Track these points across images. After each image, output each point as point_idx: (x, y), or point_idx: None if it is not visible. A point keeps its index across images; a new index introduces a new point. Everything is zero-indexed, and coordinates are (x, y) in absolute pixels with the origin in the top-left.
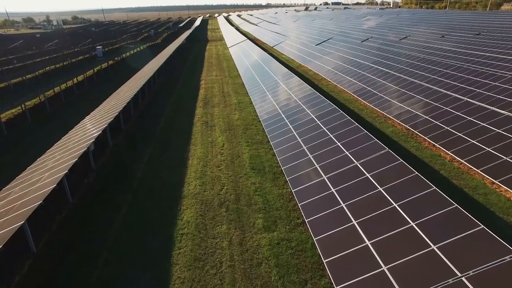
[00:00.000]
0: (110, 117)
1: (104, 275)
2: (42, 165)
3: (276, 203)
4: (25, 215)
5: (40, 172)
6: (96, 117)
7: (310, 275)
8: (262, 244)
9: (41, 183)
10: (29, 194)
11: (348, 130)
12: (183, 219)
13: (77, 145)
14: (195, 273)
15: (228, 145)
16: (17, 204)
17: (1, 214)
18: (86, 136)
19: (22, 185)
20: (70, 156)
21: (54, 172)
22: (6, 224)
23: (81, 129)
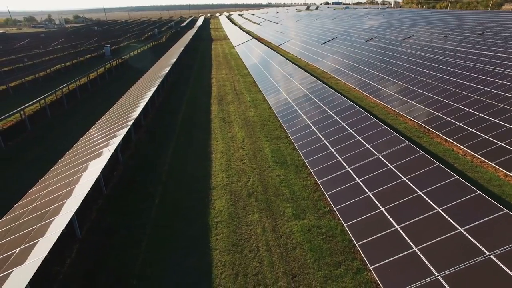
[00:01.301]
0: (134, 113)
1: (149, 258)
2: (75, 158)
3: (302, 194)
4: (74, 203)
5: (75, 164)
6: (118, 113)
7: (342, 257)
8: (294, 230)
9: (81, 174)
10: (71, 184)
11: (367, 125)
12: (215, 208)
13: (107, 139)
14: (235, 257)
15: (248, 140)
16: (62, 193)
17: (48, 203)
18: (115, 130)
19: (59, 177)
20: (105, 149)
21: (93, 163)
22: (58, 212)
23: (104, 125)
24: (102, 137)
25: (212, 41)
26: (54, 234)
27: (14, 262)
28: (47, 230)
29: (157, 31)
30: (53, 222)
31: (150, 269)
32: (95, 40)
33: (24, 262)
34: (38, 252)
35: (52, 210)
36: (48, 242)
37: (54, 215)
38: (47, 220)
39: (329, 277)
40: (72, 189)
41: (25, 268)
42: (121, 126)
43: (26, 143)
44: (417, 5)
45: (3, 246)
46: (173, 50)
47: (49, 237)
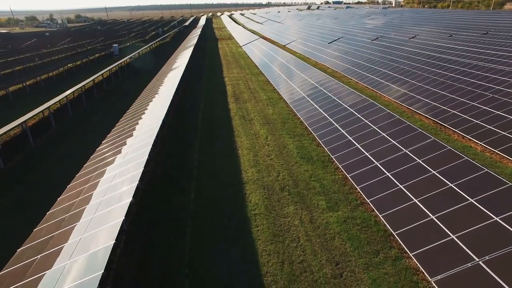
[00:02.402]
0: (161, 113)
1: (195, 249)
2: (105, 155)
3: (333, 187)
4: (127, 195)
5: (114, 162)
6: (142, 112)
7: (380, 246)
8: (330, 221)
9: (124, 168)
10: (120, 176)
11: (390, 122)
12: (251, 201)
13: (139, 137)
14: (278, 246)
15: (272, 137)
16: (106, 187)
17: (96, 196)
18: (147, 130)
19: (97, 172)
20: (141, 144)
21: (134, 158)
22: (113, 204)
23: (132, 122)
24: (132, 134)
25: (217, 41)
26: (116, 223)
27: (83, 249)
28: (106, 220)
29: (161, 31)
30: (110, 213)
31: (198, 258)
32: (102, 39)
33: (94, 249)
34: (104, 239)
35: (104, 203)
36: (113, 229)
37: (107, 207)
38: (102, 211)
39: (370, 264)
40: (119, 183)
41: (97, 253)
42: (152, 125)
43: (53, 140)
44: (419, 4)
45: (64, 234)
46: (181, 49)
47: (112, 224)
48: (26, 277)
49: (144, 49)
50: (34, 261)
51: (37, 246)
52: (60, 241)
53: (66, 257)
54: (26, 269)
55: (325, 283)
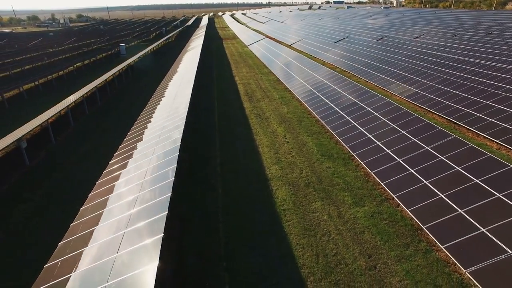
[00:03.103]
0: (183, 112)
1: (230, 243)
2: (130, 153)
3: (356, 183)
4: (165, 190)
5: (143, 159)
6: (163, 110)
7: (409, 239)
8: (358, 216)
9: (156, 164)
10: (153, 173)
11: (408, 120)
12: (278, 197)
13: (170, 134)
14: (311, 240)
15: (290, 135)
16: (138, 183)
17: (130, 191)
18: (170, 129)
19: (124, 170)
20: (170, 141)
21: (167, 158)
22: (151, 199)
23: (151, 119)
24: (156, 132)
25: (222, 40)
26: (160, 217)
27: (130, 242)
28: (147, 215)
29: (164, 30)
30: (150, 208)
31: (235, 252)
32: (107, 38)
33: (141, 242)
34: (152, 233)
35: (141, 198)
36: (159, 223)
37: (146, 202)
38: (141, 207)
39: (402, 256)
40: (153, 179)
41: (148, 246)
42: (176, 123)
43: (72, 138)
44: (420, 4)
45: (105, 229)
46: (188, 48)
47: (156, 219)
48: (78, 267)
49: (151, 48)
50: (81, 253)
51: (79, 239)
52: (102, 235)
53: (114, 249)
54: (75, 260)
55: (361, 274)
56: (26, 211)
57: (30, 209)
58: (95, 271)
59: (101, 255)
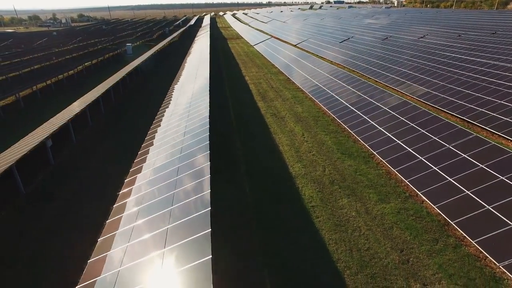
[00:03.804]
0: (205, 109)
1: (266, 238)
2: (156, 151)
3: (379, 181)
4: (206, 185)
5: (171, 157)
6: (183, 109)
7: (437, 235)
8: (385, 212)
9: (186, 162)
10: (184, 171)
11: (427, 119)
12: (305, 194)
13: (197, 131)
14: (342, 235)
15: (308, 134)
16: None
17: (168, 187)
18: (196, 124)
19: (155, 166)
20: (199, 138)
21: (197, 156)
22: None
23: (175, 121)
24: (178, 130)
25: (226, 40)
26: (204, 213)
27: (177, 238)
28: (189, 211)
29: (167, 30)
30: (189, 205)
31: (269, 246)
32: (112, 38)
33: (188, 237)
34: (199, 228)
35: (177, 195)
36: (204, 219)
37: (185, 199)
38: (180, 203)
39: (432, 251)
40: (185, 177)
41: (197, 240)
42: (201, 121)
43: (92, 137)
44: (421, 4)
45: (146, 225)
46: (195, 48)
47: (200, 215)
48: (124, 263)
49: (157, 48)
50: (125, 249)
51: (119, 235)
52: (143, 232)
53: (160, 244)
54: (120, 256)
55: (395, 268)
56: (57, 209)
57: (61, 207)
58: (142, 266)
59: (146, 250)
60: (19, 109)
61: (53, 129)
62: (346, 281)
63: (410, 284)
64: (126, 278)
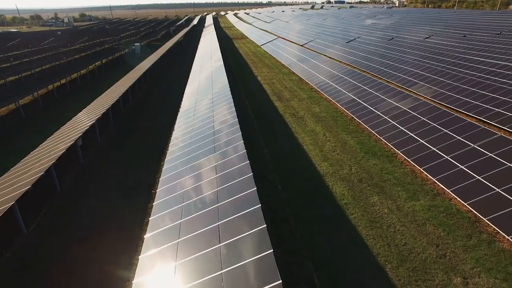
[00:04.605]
0: (231, 109)
1: (304, 234)
2: (186, 150)
3: (406, 179)
4: (250, 180)
5: (207, 155)
6: (203, 108)
7: (470, 231)
8: (416, 209)
9: (223, 161)
10: (223, 170)
11: (449, 119)
12: (337, 192)
13: (228, 130)
14: (379, 231)
15: (329, 134)
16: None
17: (202, 188)
18: (225, 123)
19: (192, 164)
20: (231, 138)
21: (234, 154)
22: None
23: (195, 117)
24: (208, 130)
25: (231, 40)
26: (256, 209)
27: (231, 233)
28: (239, 208)
29: (172, 30)
30: (239, 200)
31: (310, 241)
32: (119, 38)
33: (249, 231)
34: (254, 224)
35: (221, 192)
36: (257, 215)
37: (231, 196)
38: (226, 201)
39: (467, 246)
40: (224, 175)
41: (256, 234)
42: (232, 120)
43: (115, 136)
44: (422, 4)
45: (195, 220)
46: (203, 47)
47: (253, 210)
48: (178, 257)
49: (165, 47)
50: (176, 244)
51: (166, 232)
52: (193, 227)
53: (214, 240)
54: (172, 251)
55: (434, 262)
56: (94, 206)
57: (98, 204)
58: (201, 260)
59: (200, 245)
60: (39, 108)
61: (83, 129)
62: (388, 274)
63: (451, 277)
64: (185, 272)
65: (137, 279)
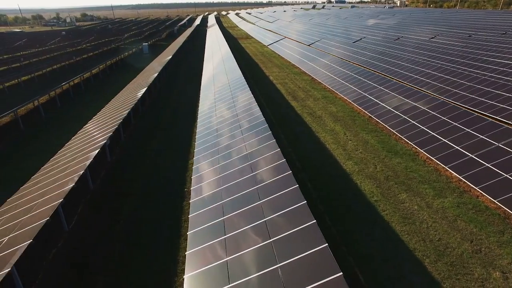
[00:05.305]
0: (256, 108)
1: (344, 231)
2: (214, 149)
3: (431, 177)
4: (290, 177)
5: (238, 153)
6: (225, 107)
7: (501, 227)
8: (445, 206)
9: (259, 159)
10: (256, 168)
11: (470, 119)
12: (366, 190)
13: (258, 130)
14: (412, 227)
15: (349, 133)
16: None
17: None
18: (255, 121)
19: (223, 163)
20: (262, 136)
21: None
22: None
23: (217, 116)
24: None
25: (236, 40)
26: (302, 204)
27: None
28: (281, 204)
29: (176, 30)
30: (281, 197)
31: (347, 237)
32: (124, 38)
33: (298, 226)
34: (302, 219)
35: (261, 190)
36: (304, 209)
37: (271, 194)
38: (266, 198)
39: (501, 242)
40: (261, 174)
41: (306, 230)
42: (257, 121)
43: (136, 135)
44: (424, 4)
45: (240, 217)
46: (210, 47)
47: (299, 206)
48: (229, 253)
49: (173, 48)
50: (223, 241)
51: (210, 228)
52: (237, 224)
53: (264, 236)
54: (221, 247)
55: (470, 257)
56: (131, 204)
57: (135, 201)
58: (253, 255)
59: (249, 241)
60: (56, 108)
61: (111, 130)
62: (428, 268)
63: (490, 272)
64: (239, 267)
65: (188, 274)
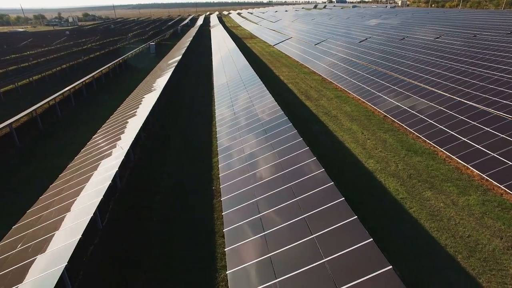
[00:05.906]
0: (276, 107)
1: (375, 227)
2: (238, 148)
3: (453, 175)
4: (325, 177)
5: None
6: (247, 107)
7: None
8: (471, 204)
9: (287, 158)
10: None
11: (489, 118)
12: (390, 188)
13: (284, 127)
14: (440, 224)
15: (367, 132)
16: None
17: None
18: (277, 120)
19: (252, 161)
20: (288, 135)
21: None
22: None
23: (244, 128)
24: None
25: (241, 40)
26: (340, 201)
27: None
28: (316, 203)
29: (179, 30)
30: (314, 196)
31: (378, 233)
32: (128, 37)
33: (340, 223)
34: (343, 215)
35: (294, 187)
36: (343, 206)
37: (304, 192)
38: (300, 197)
39: None
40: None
41: (348, 225)
42: (281, 120)
43: (156, 134)
44: (426, 3)
45: (280, 213)
46: (217, 46)
47: (337, 203)
48: (269, 248)
49: (180, 47)
50: (264, 237)
51: (248, 225)
52: (274, 222)
53: (305, 232)
54: (263, 242)
55: (503, 253)
56: (160, 202)
57: (164, 199)
58: (296, 250)
59: (290, 238)
60: (71, 107)
61: (133, 135)
62: (461, 264)
63: None
64: (282, 263)
65: (230, 270)
